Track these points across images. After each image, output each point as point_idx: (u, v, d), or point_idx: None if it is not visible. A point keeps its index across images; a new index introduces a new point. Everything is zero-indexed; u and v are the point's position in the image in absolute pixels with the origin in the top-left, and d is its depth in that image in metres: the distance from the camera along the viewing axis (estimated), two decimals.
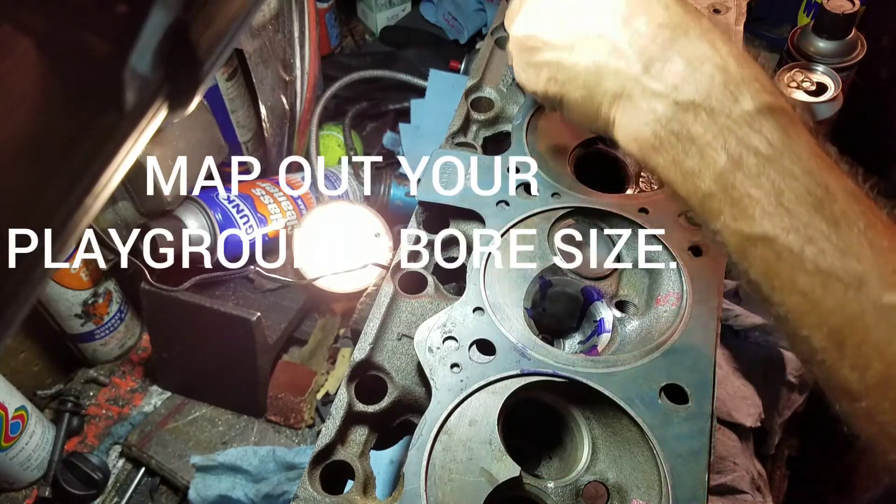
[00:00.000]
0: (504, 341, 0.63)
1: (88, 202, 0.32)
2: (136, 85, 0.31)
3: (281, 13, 1.25)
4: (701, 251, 0.70)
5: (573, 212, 0.74)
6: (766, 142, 0.51)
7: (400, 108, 1.55)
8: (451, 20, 1.71)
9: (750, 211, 0.51)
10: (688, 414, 0.59)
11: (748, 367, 1.06)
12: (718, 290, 0.68)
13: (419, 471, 0.56)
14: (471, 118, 0.86)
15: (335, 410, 0.61)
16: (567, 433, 0.65)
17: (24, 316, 0.32)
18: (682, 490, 0.55)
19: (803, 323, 0.51)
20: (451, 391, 0.60)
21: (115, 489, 1.13)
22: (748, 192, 0.51)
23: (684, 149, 0.53)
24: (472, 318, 0.64)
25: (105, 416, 1.21)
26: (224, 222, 1.18)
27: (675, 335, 0.63)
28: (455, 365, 0.61)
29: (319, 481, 0.58)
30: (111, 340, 1.24)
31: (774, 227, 0.50)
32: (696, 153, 0.53)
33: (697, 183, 0.53)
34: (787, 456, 1.15)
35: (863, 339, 0.49)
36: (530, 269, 0.69)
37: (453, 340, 0.63)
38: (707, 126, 0.52)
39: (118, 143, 0.32)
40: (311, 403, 1.20)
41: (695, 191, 0.54)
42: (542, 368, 0.61)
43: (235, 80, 1.24)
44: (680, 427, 0.58)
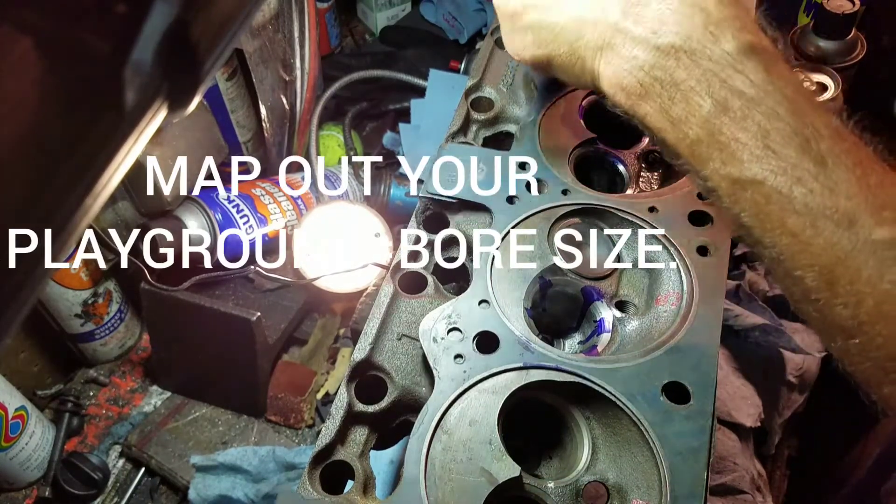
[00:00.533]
0: (508, 334, 0.63)
1: (88, 202, 0.32)
2: (136, 85, 0.31)
3: (281, 13, 1.25)
4: (707, 251, 0.70)
5: (582, 210, 0.74)
6: (750, 82, 0.51)
7: (400, 108, 1.55)
8: (451, 20, 1.71)
9: (738, 155, 0.51)
10: (689, 412, 0.59)
11: (748, 367, 1.06)
12: (722, 291, 0.68)
13: (419, 459, 0.56)
14: (471, 118, 0.86)
15: (335, 410, 0.61)
16: (567, 433, 0.65)
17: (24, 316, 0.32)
18: (680, 487, 0.55)
19: (795, 264, 0.51)
20: (454, 381, 0.60)
21: (115, 489, 1.13)
22: (735, 137, 0.51)
23: (669, 95, 0.53)
24: (477, 311, 0.64)
25: (105, 416, 1.21)
26: (224, 222, 1.18)
27: (679, 333, 0.64)
28: (459, 356, 0.61)
29: (319, 481, 0.58)
30: (111, 340, 1.24)
31: (763, 169, 0.50)
32: (681, 99, 0.53)
33: (685, 130, 0.53)
34: (787, 456, 1.15)
35: (854, 276, 0.49)
36: (530, 269, 0.69)
37: (458, 331, 0.63)
38: (690, 70, 0.52)
39: (118, 143, 0.32)
40: (311, 403, 1.20)
41: (683, 138, 0.54)
42: (545, 362, 0.61)
43: (235, 80, 1.24)
44: (681, 425, 0.58)
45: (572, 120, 0.83)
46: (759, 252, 0.55)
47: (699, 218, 0.72)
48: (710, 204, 0.73)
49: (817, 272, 0.50)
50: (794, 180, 0.50)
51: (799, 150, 0.50)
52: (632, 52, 0.55)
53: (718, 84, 0.51)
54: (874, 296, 0.49)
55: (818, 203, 0.49)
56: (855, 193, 0.49)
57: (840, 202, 0.49)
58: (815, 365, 1.10)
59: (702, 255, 0.69)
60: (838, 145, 0.50)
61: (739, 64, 0.51)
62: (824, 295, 0.51)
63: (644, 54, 0.54)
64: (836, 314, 0.51)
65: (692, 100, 0.52)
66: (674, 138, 0.54)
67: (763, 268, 1.18)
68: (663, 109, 0.54)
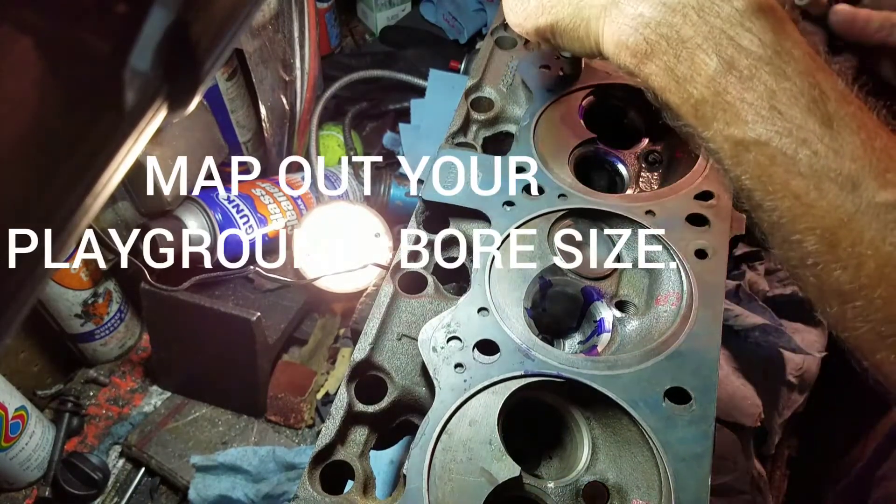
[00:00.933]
0: (508, 342, 0.63)
1: (88, 202, 0.32)
2: (136, 85, 0.31)
3: (281, 13, 1.25)
4: (706, 254, 0.69)
5: (580, 213, 0.74)
6: (758, 41, 0.50)
7: (400, 108, 1.55)
8: (451, 20, 1.71)
9: (743, 115, 0.51)
10: (692, 417, 0.59)
11: (748, 367, 1.06)
12: (721, 293, 0.68)
13: (422, 469, 0.56)
14: (471, 118, 0.86)
15: (335, 410, 0.61)
16: (567, 433, 0.65)
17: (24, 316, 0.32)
18: (685, 494, 0.55)
19: (796, 227, 0.51)
20: (455, 391, 0.60)
21: (115, 489, 1.13)
22: (741, 97, 0.50)
23: (675, 53, 0.53)
24: (476, 319, 0.64)
25: (105, 416, 1.21)
26: (224, 222, 1.18)
27: (680, 338, 0.63)
28: (459, 365, 0.61)
29: (319, 481, 0.58)
30: (111, 340, 1.24)
31: (768, 130, 0.50)
32: (687, 57, 0.52)
33: (689, 89, 0.52)
34: (787, 456, 1.15)
35: (857, 239, 0.49)
36: (530, 269, 0.69)
37: (457, 340, 0.63)
38: (697, 27, 0.52)
39: (118, 143, 0.32)
40: (311, 403, 1.20)
41: (688, 97, 0.53)
42: (546, 370, 0.61)
43: (235, 80, 1.24)
44: (684, 430, 0.58)
45: (572, 120, 0.83)
46: (758, 217, 0.54)
47: (697, 220, 0.72)
48: (709, 206, 0.72)
49: (819, 235, 0.50)
50: (799, 142, 0.49)
51: (805, 111, 0.49)
52: (637, 9, 0.54)
53: (726, 41, 0.51)
54: (876, 258, 0.48)
55: (823, 165, 0.49)
56: (860, 156, 0.48)
57: (845, 164, 0.48)
58: (815, 365, 1.10)
59: (700, 258, 0.69)
60: (844, 108, 0.50)
61: (748, 22, 0.51)
62: (825, 258, 0.50)
63: (651, 11, 0.53)
64: (836, 277, 0.50)
65: (698, 57, 0.52)
66: (678, 98, 0.54)
67: (763, 268, 1.18)
68: (668, 68, 0.53)
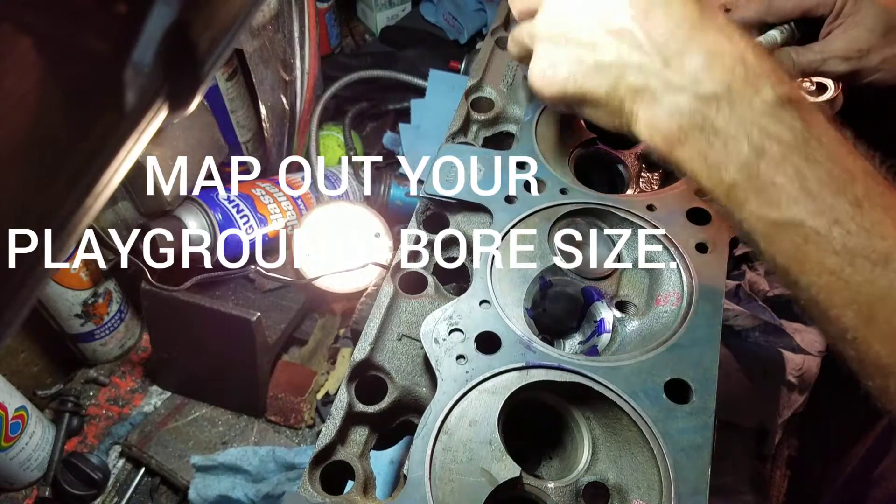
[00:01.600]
0: (510, 334, 0.63)
1: (88, 202, 0.32)
2: (137, 85, 0.31)
3: (281, 13, 1.25)
4: (706, 248, 0.70)
5: (582, 209, 0.74)
6: (788, 130, 0.52)
7: (400, 108, 1.55)
8: (451, 20, 1.71)
9: (775, 198, 0.52)
10: (691, 408, 0.59)
11: (748, 367, 1.06)
12: (722, 287, 0.68)
13: (423, 459, 0.56)
14: (471, 118, 0.86)
15: (335, 410, 0.61)
16: (567, 433, 0.65)
17: (24, 316, 0.32)
18: (684, 484, 0.55)
19: (833, 303, 0.52)
20: (457, 382, 0.60)
21: (115, 489, 1.13)
22: (773, 180, 0.52)
23: (708, 141, 0.54)
24: (478, 311, 0.65)
25: (105, 416, 1.21)
26: (224, 222, 1.18)
27: (680, 330, 0.64)
28: (461, 356, 0.61)
29: (319, 481, 0.58)
30: (111, 340, 1.24)
31: (801, 211, 0.52)
32: (720, 145, 0.54)
33: (722, 174, 0.54)
34: (787, 456, 1.15)
35: (893, 312, 0.50)
36: (531, 269, 0.69)
37: (459, 332, 0.63)
38: (729, 118, 0.53)
39: (118, 144, 0.32)
40: (311, 403, 1.20)
41: (720, 182, 0.55)
42: (547, 361, 0.61)
43: (235, 80, 1.24)
44: (683, 421, 0.58)
45: (572, 120, 0.83)
46: (794, 294, 0.56)
47: (698, 216, 0.72)
48: (710, 202, 0.73)
49: (855, 310, 0.51)
50: (832, 221, 0.51)
51: (836, 191, 0.51)
52: (673, 98, 0.56)
53: (757, 131, 0.53)
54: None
55: (856, 243, 0.50)
56: (890, 234, 0.50)
57: (876, 242, 0.50)
58: (815, 365, 1.11)
59: (701, 253, 0.69)
60: (873, 188, 0.52)
61: (778, 113, 0.53)
62: (862, 333, 0.52)
63: (685, 101, 0.55)
64: (875, 352, 0.52)
65: (731, 145, 0.53)
66: (711, 183, 0.56)
67: (763, 268, 1.18)
68: (701, 155, 0.55)
